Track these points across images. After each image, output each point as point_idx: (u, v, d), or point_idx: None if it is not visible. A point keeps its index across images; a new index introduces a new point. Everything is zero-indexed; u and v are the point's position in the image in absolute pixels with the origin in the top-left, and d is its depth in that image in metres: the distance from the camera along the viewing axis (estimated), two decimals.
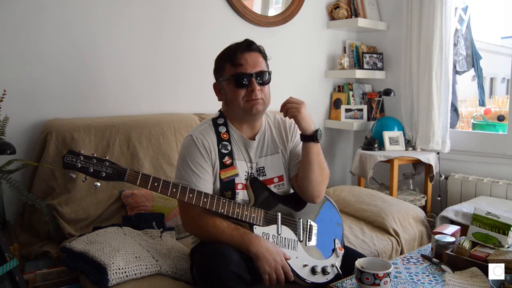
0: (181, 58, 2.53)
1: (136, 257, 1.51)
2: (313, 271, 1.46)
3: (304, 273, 1.45)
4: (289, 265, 1.43)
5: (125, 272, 1.43)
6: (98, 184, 1.30)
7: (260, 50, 1.55)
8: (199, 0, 2.58)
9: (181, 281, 1.53)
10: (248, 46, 1.51)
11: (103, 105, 2.27)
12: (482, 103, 3.25)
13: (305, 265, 1.46)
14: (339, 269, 1.50)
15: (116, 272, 1.42)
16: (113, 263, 1.44)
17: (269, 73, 1.54)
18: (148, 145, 2.17)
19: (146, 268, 1.48)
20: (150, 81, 2.43)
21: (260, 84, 1.50)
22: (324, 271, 1.47)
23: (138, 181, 1.32)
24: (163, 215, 1.96)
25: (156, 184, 1.34)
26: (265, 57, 1.56)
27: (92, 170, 1.27)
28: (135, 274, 1.45)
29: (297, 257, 1.47)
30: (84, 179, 1.29)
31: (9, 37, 1.98)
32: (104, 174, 1.28)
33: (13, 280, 1.43)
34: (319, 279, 1.47)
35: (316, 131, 1.50)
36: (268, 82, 1.53)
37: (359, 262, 1.36)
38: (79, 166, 1.26)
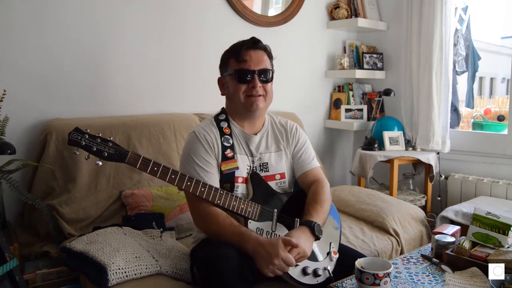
0: (181, 58, 2.53)
1: (136, 257, 1.51)
2: (304, 271, 1.42)
3: (295, 273, 1.41)
4: None
5: (125, 272, 1.43)
6: (100, 163, 1.33)
7: (265, 49, 1.59)
8: (199, 1, 2.58)
9: (181, 281, 1.53)
10: (254, 43, 1.56)
11: (103, 105, 2.27)
12: (468, 104, 3.24)
13: (297, 265, 1.42)
14: (331, 273, 1.46)
15: (116, 272, 1.42)
16: (113, 263, 1.44)
17: (273, 72, 1.57)
18: (148, 145, 2.16)
19: (146, 268, 1.48)
20: (150, 81, 2.43)
21: (262, 82, 1.53)
22: (315, 273, 1.43)
23: (139, 164, 1.35)
24: (163, 215, 1.96)
25: (155, 168, 1.37)
26: (270, 56, 1.60)
27: (95, 149, 1.31)
28: (135, 274, 1.45)
29: None
30: (86, 157, 1.33)
31: (9, 37, 1.98)
32: (106, 154, 1.32)
33: (13, 280, 1.44)
34: (309, 280, 1.43)
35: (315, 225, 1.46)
36: (270, 80, 1.56)
37: (359, 262, 1.35)
38: (83, 144, 1.30)
